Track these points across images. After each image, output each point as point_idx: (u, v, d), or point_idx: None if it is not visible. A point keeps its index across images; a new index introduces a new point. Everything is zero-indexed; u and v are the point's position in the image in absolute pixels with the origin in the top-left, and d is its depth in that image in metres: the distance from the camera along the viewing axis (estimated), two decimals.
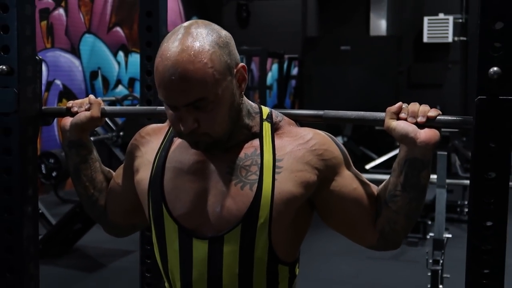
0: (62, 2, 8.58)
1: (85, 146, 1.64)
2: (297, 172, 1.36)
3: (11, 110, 1.70)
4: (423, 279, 3.59)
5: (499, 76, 1.33)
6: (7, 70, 1.68)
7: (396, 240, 1.44)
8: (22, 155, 1.73)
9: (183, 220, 1.40)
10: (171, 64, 1.24)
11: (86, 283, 5.05)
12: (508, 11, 1.34)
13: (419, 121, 1.32)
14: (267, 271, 1.39)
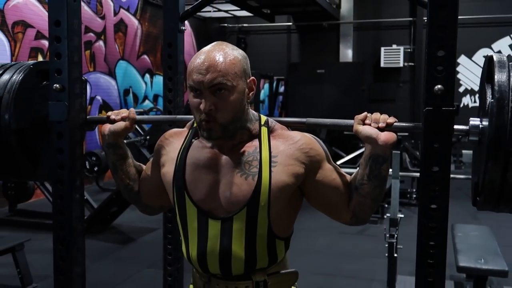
0: (102, 36, 8.55)
1: (120, 147, 1.64)
2: (289, 166, 1.39)
3: (63, 119, 1.70)
4: (382, 249, 3.59)
5: (442, 92, 1.33)
6: (60, 88, 1.68)
7: (364, 217, 1.46)
8: (71, 154, 1.72)
9: (201, 204, 1.42)
10: (204, 56, 1.33)
11: (120, 253, 5.04)
12: (447, 42, 1.34)
13: (380, 126, 1.35)
14: (267, 244, 1.41)
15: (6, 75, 1.78)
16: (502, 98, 1.21)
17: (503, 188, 1.24)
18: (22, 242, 4.08)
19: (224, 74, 1.31)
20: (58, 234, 1.76)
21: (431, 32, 1.35)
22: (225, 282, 1.43)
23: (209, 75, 1.30)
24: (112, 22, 8.85)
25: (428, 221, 1.38)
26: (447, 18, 1.33)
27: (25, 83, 1.78)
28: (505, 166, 1.20)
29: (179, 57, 2.33)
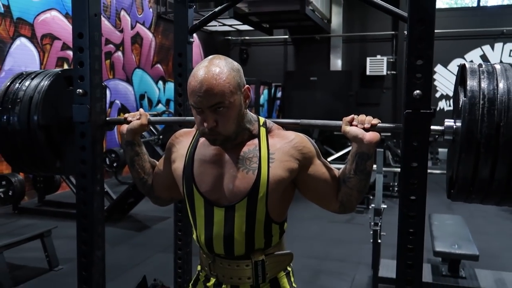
0: (120, 47, 8.55)
1: (137, 144, 1.64)
2: (285, 162, 1.40)
3: (85, 120, 1.70)
4: (367, 236, 3.59)
5: (420, 97, 1.33)
6: (83, 92, 1.68)
7: (351, 207, 1.46)
8: (92, 151, 1.72)
9: (207, 195, 1.43)
10: (200, 80, 1.30)
11: (136, 239, 5.04)
12: (425, 52, 1.34)
13: (366, 127, 1.36)
14: (264, 228, 1.42)
15: (36, 79, 1.80)
16: (473, 99, 1.22)
17: (474, 181, 1.24)
18: (50, 229, 4.09)
19: (221, 94, 1.30)
20: (81, 222, 1.76)
21: (410, 43, 1.35)
22: (228, 261, 1.44)
23: (207, 98, 1.30)
24: (129, 35, 8.85)
25: (408, 211, 1.38)
26: (424, 32, 1.33)
27: (53, 87, 1.79)
28: (476, 162, 1.20)
29: (188, 66, 2.33)
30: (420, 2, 1.33)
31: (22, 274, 3.88)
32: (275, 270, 1.48)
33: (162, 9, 9.78)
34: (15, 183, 5.75)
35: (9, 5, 6.30)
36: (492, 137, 1.14)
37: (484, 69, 1.27)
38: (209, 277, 1.51)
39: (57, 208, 5.99)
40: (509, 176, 1.16)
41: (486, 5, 11.50)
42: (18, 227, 5.30)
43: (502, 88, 1.17)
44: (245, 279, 1.43)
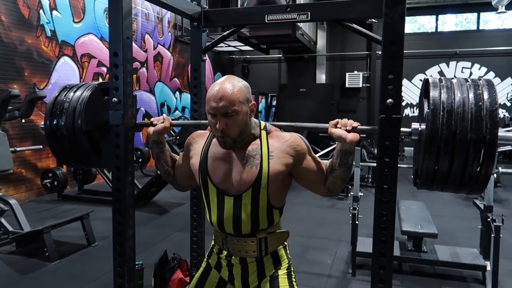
0: (144, 64, 8.54)
1: (162, 143, 1.66)
2: (282, 158, 1.42)
3: (120, 123, 1.70)
4: (347, 218, 3.60)
5: (392, 104, 1.34)
6: (117, 101, 1.68)
7: (336, 192, 1.48)
8: (125, 148, 1.73)
9: (219, 185, 1.45)
10: (217, 90, 1.35)
11: (158, 221, 5.04)
12: (396, 68, 1.34)
13: (348, 129, 1.37)
14: (266, 212, 1.45)
15: (79, 91, 1.82)
16: (435, 109, 1.23)
17: (435, 174, 1.25)
18: (88, 213, 4.10)
19: (232, 102, 1.34)
20: (115, 206, 1.77)
21: (384, 61, 1.36)
22: (237, 238, 1.47)
23: (222, 103, 1.34)
24: (152, 54, 8.83)
25: (382, 197, 1.39)
26: (396, 52, 1.34)
27: (92, 97, 1.80)
28: (437, 159, 1.22)
29: (202, 79, 2.33)
30: (392, 28, 1.34)
31: (65, 249, 3.88)
32: (275, 245, 1.50)
33: (178, 33, 9.77)
34: (60, 175, 5.76)
35: (55, 30, 6.30)
36: (449, 141, 1.16)
37: (444, 84, 1.27)
38: (221, 250, 1.54)
39: (94, 195, 5.99)
40: (463, 171, 1.17)
41: (443, 31, 11.51)
42: (62, 211, 5.30)
43: (458, 101, 1.17)
44: (251, 252, 1.46)
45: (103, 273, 3.34)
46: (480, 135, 1.09)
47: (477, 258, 3.36)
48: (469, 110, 1.12)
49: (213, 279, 1.56)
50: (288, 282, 1.48)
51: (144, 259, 3.33)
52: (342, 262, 3.67)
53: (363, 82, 11.66)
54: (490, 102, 1.11)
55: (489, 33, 11.05)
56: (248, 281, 1.50)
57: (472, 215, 5.05)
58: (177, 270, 2.91)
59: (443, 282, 3.30)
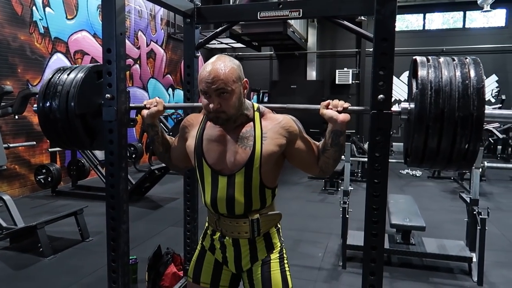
0: (137, 61, 8.46)
1: (156, 126, 1.65)
2: (275, 139, 1.42)
3: (113, 119, 1.67)
4: (337, 212, 3.60)
5: (383, 100, 1.33)
6: (111, 97, 1.66)
7: (328, 171, 1.48)
8: (119, 144, 1.70)
9: (213, 166, 1.45)
10: (209, 70, 1.34)
11: (152, 215, 5.01)
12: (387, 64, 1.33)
13: (339, 110, 1.37)
14: (259, 192, 1.44)
15: (72, 74, 1.79)
16: (424, 88, 1.21)
17: (424, 151, 1.24)
18: (82, 208, 4.05)
19: (225, 82, 1.33)
20: (109, 201, 1.74)
21: (375, 57, 1.35)
22: (230, 219, 1.46)
23: (214, 83, 1.32)
24: (145, 51, 8.75)
25: (373, 191, 1.38)
26: (387, 48, 1.33)
27: (85, 80, 1.76)
28: (426, 136, 1.20)
29: (195, 75, 2.31)
30: (384, 24, 1.33)
31: (60, 244, 3.84)
32: (267, 226, 1.50)
33: (171, 30, 9.69)
34: (53, 171, 5.69)
35: (48, 27, 6.20)
36: (438, 119, 1.15)
37: (431, 63, 1.26)
38: (215, 231, 1.54)
39: (87, 191, 5.93)
40: (452, 148, 1.16)
41: (430, 29, 11.58)
42: (56, 206, 5.25)
43: (445, 79, 1.16)
44: (243, 233, 1.46)
45: (97, 267, 3.31)
46: (468, 112, 1.09)
47: (463, 250, 3.40)
48: (456, 88, 1.12)
49: (209, 261, 1.56)
50: (279, 266, 1.49)
51: (138, 253, 3.31)
52: (332, 255, 3.68)
53: (352, 79, 11.69)
54: (476, 80, 1.11)
55: (474, 31, 11.14)
56: (241, 263, 1.50)
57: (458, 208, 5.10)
58: (171, 264, 2.89)
59: (430, 273, 3.33)
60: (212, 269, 1.54)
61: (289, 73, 12.42)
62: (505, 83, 10.95)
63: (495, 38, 10.89)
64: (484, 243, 3.10)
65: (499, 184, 7.01)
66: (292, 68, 12.36)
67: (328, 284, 3.12)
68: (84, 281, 3.12)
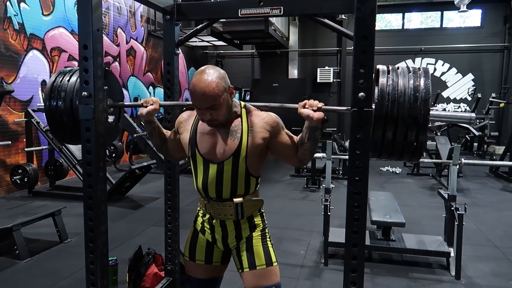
0: (117, 58, 8.32)
1: (153, 122, 1.78)
2: (260, 133, 1.59)
3: (90, 118, 1.62)
4: (319, 210, 3.62)
5: (364, 98, 1.33)
6: (88, 95, 1.61)
7: (305, 162, 1.66)
8: (96, 143, 1.66)
9: (205, 155, 1.62)
10: (197, 90, 1.48)
11: (132, 215, 4.93)
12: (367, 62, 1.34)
13: (314, 109, 1.49)
14: (245, 179, 1.62)
15: (74, 76, 1.84)
16: (383, 93, 1.35)
17: (382, 144, 1.38)
18: (60, 209, 3.96)
19: (213, 98, 1.48)
20: (87, 202, 1.69)
21: (356, 55, 1.35)
22: (217, 203, 1.64)
23: (204, 102, 1.48)
24: (124, 49, 8.60)
25: (354, 189, 1.39)
26: (367, 46, 1.34)
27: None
28: (383, 134, 1.35)
29: (175, 73, 2.27)
30: (364, 22, 1.33)
31: (37, 246, 3.74)
32: (251, 210, 1.68)
33: (152, 27, 9.56)
34: (30, 171, 5.54)
35: (23, 23, 6.02)
36: (393, 117, 1.33)
37: (390, 75, 1.40)
38: (205, 214, 1.72)
39: (66, 191, 5.80)
40: (404, 141, 1.35)
41: (409, 28, 11.77)
42: (33, 207, 5.11)
43: (400, 90, 1.35)
44: (229, 215, 1.64)
45: (76, 269, 3.24)
46: (416, 118, 1.33)
47: (441, 245, 3.46)
48: (408, 99, 1.34)
49: (201, 242, 1.75)
50: (261, 242, 1.67)
51: (118, 254, 3.25)
52: (314, 252, 3.70)
53: (333, 77, 11.78)
54: (425, 92, 1.34)
55: (451, 31, 11.39)
56: (227, 241, 1.69)
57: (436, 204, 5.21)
58: (152, 265, 2.85)
59: (410, 268, 3.39)
60: (205, 248, 1.74)
61: (271, 72, 12.44)
62: (480, 82, 11.23)
63: (471, 38, 11.16)
64: (462, 238, 3.17)
65: (476, 181, 7.19)
66: (274, 67, 12.38)
67: (310, 282, 3.13)
68: (62, 284, 3.05)
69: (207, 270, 1.75)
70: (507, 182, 7.03)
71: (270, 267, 1.65)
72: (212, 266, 1.75)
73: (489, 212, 5.18)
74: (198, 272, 1.75)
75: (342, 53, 11.58)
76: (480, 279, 3.21)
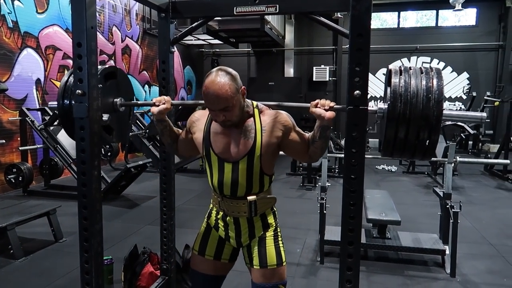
0: (112, 57, 8.26)
1: (165, 120, 1.80)
2: (272, 132, 1.63)
3: (84, 116, 1.61)
4: (315, 208, 3.62)
5: (359, 96, 1.33)
6: (82, 93, 1.60)
7: (316, 159, 1.68)
8: (91, 142, 1.64)
9: (220, 155, 1.65)
10: (210, 92, 1.51)
11: (128, 214, 4.91)
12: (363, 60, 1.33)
13: (326, 108, 1.49)
14: (259, 178, 1.65)
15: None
16: (396, 94, 1.35)
17: (394, 143, 1.39)
18: (55, 208, 3.94)
19: (226, 100, 1.51)
20: (81, 200, 1.68)
21: (351, 53, 1.35)
22: (231, 200, 1.68)
23: (217, 104, 1.52)
24: (120, 47, 8.56)
25: (350, 187, 1.38)
26: (362, 44, 1.33)
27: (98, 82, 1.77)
28: (396, 133, 1.35)
29: (170, 71, 2.26)
30: (359, 20, 1.33)
31: (31, 246, 3.72)
32: (264, 208, 1.71)
33: (147, 26, 9.52)
34: (24, 170, 5.51)
35: (17, 21, 5.98)
36: (406, 118, 1.33)
37: (402, 76, 1.40)
38: (218, 211, 1.76)
39: (61, 190, 5.77)
40: (416, 140, 1.36)
41: (404, 27, 11.79)
42: (28, 207, 5.08)
43: (413, 91, 1.36)
44: (243, 213, 1.68)
45: (71, 269, 3.22)
46: (429, 119, 1.33)
47: (437, 243, 3.48)
48: (421, 101, 1.34)
49: (214, 238, 1.79)
50: (274, 242, 1.71)
51: (114, 253, 3.24)
52: (310, 251, 3.70)
53: (329, 76, 11.79)
54: (437, 94, 1.35)
55: (447, 29, 11.42)
56: (241, 239, 1.73)
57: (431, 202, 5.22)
58: (148, 264, 2.84)
59: (406, 266, 3.40)
60: (216, 244, 1.78)
61: (267, 70, 12.42)
62: (475, 81, 11.28)
63: (466, 37, 11.19)
64: (457, 236, 3.18)
65: (471, 179, 7.22)
66: (270, 65, 12.36)
67: (306, 280, 3.14)
68: (57, 283, 3.04)
69: (215, 266, 1.78)
70: (501, 180, 7.07)
71: (280, 267, 1.69)
72: (220, 262, 1.79)
73: (483, 210, 5.21)
74: (205, 267, 1.78)
75: (338, 51, 11.59)
76: (475, 276, 3.23)
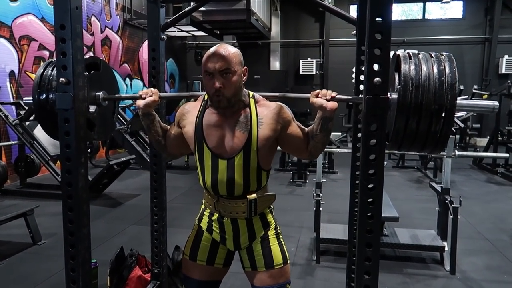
0: (91, 48, 8.00)
1: (151, 114, 1.66)
2: (270, 125, 1.53)
3: (69, 107, 1.47)
4: (307, 205, 3.54)
5: (379, 84, 1.23)
6: (66, 81, 1.45)
7: (316, 155, 1.59)
8: (76, 136, 1.50)
9: (213, 149, 1.54)
10: (214, 52, 1.47)
11: (111, 214, 4.72)
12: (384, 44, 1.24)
13: (327, 98, 1.43)
14: (256, 174, 1.56)
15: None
16: (406, 84, 1.26)
17: (404, 135, 1.30)
18: (32, 208, 3.74)
19: (229, 62, 1.45)
20: (66, 202, 1.54)
21: (370, 36, 1.24)
22: (229, 200, 1.57)
23: (219, 63, 1.44)
24: (99, 38, 8.29)
25: (368, 183, 1.28)
26: (383, 26, 1.23)
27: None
28: (406, 123, 1.27)
29: (161, 60, 2.13)
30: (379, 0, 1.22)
31: (7, 249, 3.52)
32: (263, 206, 1.62)
33: (128, 16, 9.24)
34: None
35: None
36: (417, 111, 1.25)
37: (412, 60, 1.32)
38: (213, 213, 1.64)
39: (38, 189, 5.55)
40: (427, 133, 1.28)
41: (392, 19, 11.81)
42: (2, 207, 4.85)
43: (424, 76, 1.27)
44: (241, 213, 1.58)
45: (51, 273, 3.04)
46: (442, 104, 1.25)
47: (435, 239, 3.44)
48: (434, 84, 1.26)
49: (206, 241, 1.67)
50: (277, 241, 1.64)
51: (98, 256, 3.07)
52: (305, 249, 3.62)
53: (316, 69, 11.75)
54: (451, 77, 1.27)
55: (433, 22, 11.50)
56: (239, 241, 1.62)
57: (425, 197, 5.22)
58: (136, 267, 2.69)
59: (404, 264, 3.34)
60: (209, 248, 1.66)
61: (252, 63, 12.25)
62: (462, 74, 11.40)
63: (452, 30, 11.30)
64: (457, 232, 3.14)
65: (460, 173, 7.28)
66: (255, 58, 12.22)
67: (303, 280, 3.05)
68: None
69: (207, 272, 1.68)
70: (491, 174, 7.15)
71: (286, 265, 1.63)
72: (213, 268, 1.68)
73: (476, 204, 5.23)
74: (197, 273, 1.67)
75: (325, 44, 11.55)
76: (475, 273, 3.20)
